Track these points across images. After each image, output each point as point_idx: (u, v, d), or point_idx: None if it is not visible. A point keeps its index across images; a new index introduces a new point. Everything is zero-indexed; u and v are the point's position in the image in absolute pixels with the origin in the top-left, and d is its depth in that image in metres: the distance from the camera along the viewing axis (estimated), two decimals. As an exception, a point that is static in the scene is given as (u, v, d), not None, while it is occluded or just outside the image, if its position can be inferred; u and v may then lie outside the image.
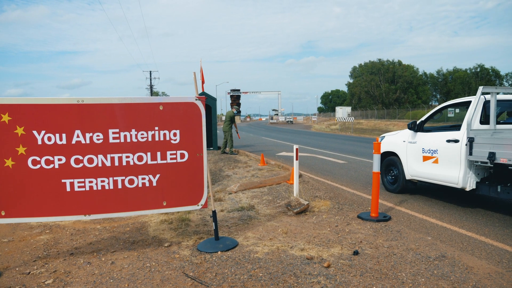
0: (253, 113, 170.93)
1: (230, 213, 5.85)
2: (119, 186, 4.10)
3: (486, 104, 5.84)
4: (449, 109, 22.54)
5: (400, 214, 5.74)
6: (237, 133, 15.34)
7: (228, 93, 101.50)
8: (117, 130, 4.03)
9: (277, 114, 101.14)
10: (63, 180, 3.96)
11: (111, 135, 4.02)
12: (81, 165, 3.97)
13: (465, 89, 61.90)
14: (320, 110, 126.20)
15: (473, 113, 5.61)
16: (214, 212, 4.52)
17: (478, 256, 4.03)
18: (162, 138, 4.18)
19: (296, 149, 6.44)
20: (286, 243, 4.46)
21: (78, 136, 3.93)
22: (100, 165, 4.02)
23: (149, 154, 4.15)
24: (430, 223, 5.28)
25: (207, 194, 4.46)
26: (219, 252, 4.24)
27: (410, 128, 6.80)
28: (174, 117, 4.21)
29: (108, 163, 4.03)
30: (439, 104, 64.60)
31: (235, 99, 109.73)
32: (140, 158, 4.12)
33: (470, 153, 5.47)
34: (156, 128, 4.15)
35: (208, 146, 16.53)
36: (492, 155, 5.07)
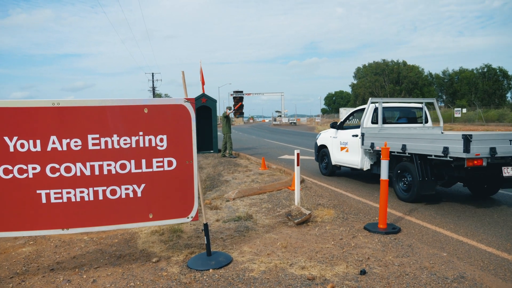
0: (256, 114, 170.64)
1: (226, 224, 5.44)
2: (100, 197, 3.71)
3: (376, 110, 8.14)
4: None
5: (411, 225, 5.30)
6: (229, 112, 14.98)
7: (231, 94, 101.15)
8: (97, 136, 3.63)
9: (280, 116, 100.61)
10: (38, 191, 3.57)
11: (90, 141, 3.62)
12: (57, 174, 3.58)
13: (471, 90, 61.21)
14: (323, 111, 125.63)
15: (365, 117, 8.07)
16: (206, 226, 4.11)
17: (503, 277, 3.58)
18: (147, 144, 3.78)
19: (297, 153, 6.02)
20: (285, 260, 4.04)
21: (54, 143, 3.54)
22: (78, 174, 3.62)
23: (133, 162, 3.75)
24: (444, 236, 4.84)
25: (198, 206, 4.05)
26: (210, 270, 3.83)
27: (332, 127, 9.46)
28: (161, 121, 3.81)
29: (87, 172, 3.64)
30: (445, 105, 63.96)
31: (238, 100, 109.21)
32: (123, 167, 3.72)
33: (362, 144, 7.86)
34: (141, 133, 3.75)
35: (209, 149, 16.15)
36: (372, 145, 7.50)
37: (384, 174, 5.04)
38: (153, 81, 65.05)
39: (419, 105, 8.81)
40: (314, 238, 4.79)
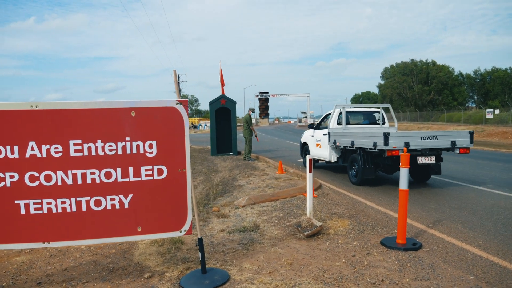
0: (282, 115, 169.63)
1: (230, 235, 5.06)
2: (83, 208, 3.40)
3: (341, 114, 10.10)
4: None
5: (434, 240, 4.76)
6: (255, 136, 14.48)
7: (257, 95, 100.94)
8: (80, 141, 3.33)
9: (306, 117, 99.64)
10: (16, 201, 3.30)
11: (72, 148, 3.32)
12: (37, 183, 3.30)
13: (505, 90, 58.42)
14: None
15: (331, 119, 9.96)
16: (200, 241, 3.75)
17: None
18: (134, 151, 3.44)
19: (310, 159, 5.57)
20: (288, 280, 3.61)
21: (32, 149, 3.26)
22: (60, 183, 3.33)
23: (119, 170, 3.42)
24: (472, 254, 4.27)
25: (191, 218, 3.69)
26: (203, 291, 3.46)
27: (310, 127, 11.49)
28: (150, 125, 3.47)
29: (69, 181, 3.34)
30: (476, 105, 61.31)
31: (263, 101, 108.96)
32: (108, 175, 3.40)
33: (329, 141, 9.71)
34: (128, 138, 3.42)
35: (228, 151, 15.86)
36: (334, 141, 9.38)
37: (404, 184, 4.53)
38: (178, 82, 65.55)
39: (378, 110, 10.86)
40: (323, 253, 4.33)
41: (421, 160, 7.68)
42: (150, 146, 3.48)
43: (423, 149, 7.58)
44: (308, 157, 5.58)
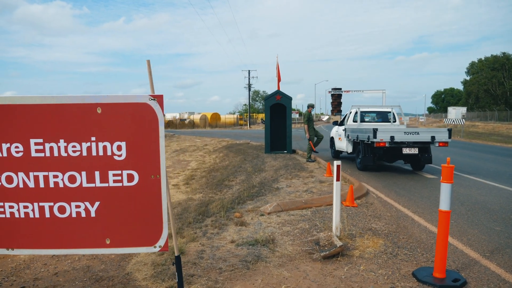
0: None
1: (238, 248, 4.48)
2: (47, 214, 3.06)
3: (357, 113, 12.40)
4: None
5: (485, 276, 3.73)
6: (308, 139, 12.81)
7: (329, 92, 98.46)
8: (41, 141, 2.98)
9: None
10: (-20, 203, 3.07)
11: (33, 147, 2.98)
12: (-1, 184, 3.02)
13: None
14: (430, 110, 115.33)
15: (348, 117, 12.82)
16: (177, 259, 3.22)
17: None
18: (101, 153, 3.02)
19: (337, 166, 4.77)
20: (275, 316, 2.95)
21: (-7, 147, 2.99)
22: (21, 185, 3.02)
23: (84, 174, 3.02)
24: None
25: (167, 232, 3.18)
26: (172, 320, 2.94)
27: (334, 124, 14.15)
28: (118, 124, 3.01)
29: (31, 184, 3.01)
30: None
31: (336, 98, 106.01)
32: (72, 179, 3.02)
33: (345, 136, 11.79)
34: (93, 138, 3.00)
35: (282, 149, 15.23)
36: (348, 136, 11.51)
37: (445, 202, 3.59)
38: (249, 78, 66.14)
39: (389, 110, 12.89)
40: (335, 283, 3.57)
41: (406, 151, 9.73)
42: (119, 148, 3.03)
43: (408, 142, 9.43)
44: (335, 164, 4.79)
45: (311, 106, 13.30)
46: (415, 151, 9.71)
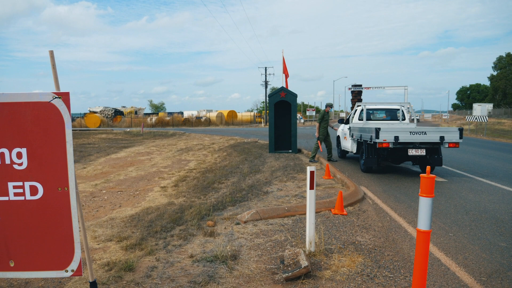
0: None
1: (194, 264, 3.97)
2: None
3: (362, 110, 11.66)
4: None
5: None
6: (317, 140, 12.32)
7: (349, 88, 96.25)
8: None
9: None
10: None
11: None
12: None
13: None
14: (455, 106, 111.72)
15: (353, 116, 12.02)
16: (92, 286, 2.74)
17: None
18: (-3, 161, 2.56)
19: (311, 172, 4.18)
20: None
21: None
22: None
23: (-22, 185, 2.58)
24: None
25: (80, 254, 2.70)
26: None
27: (339, 122, 13.06)
28: (17, 127, 2.54)
29: None
30: None
31: (356, 94, 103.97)
32: (-35, 192, 2.58)
33: (350, 135, 11.18)
34: (-13, 144, 2.55)
35: (286, 148, 14.65)
36: (353, 135, 10.88)
37: (424, 222, 2.97)
38: (265, 75, 65.43)
39: (398, 107, 11.99)
40: (290, 314, 3.01)
41: (412, 152, 8.87)
42: (19, 156, 2.56)
43: (414, 143, 8.70)
44: (309, 169, 4.20)
45: (329, 106, 12.74)
46: (422, 152, 8.90)
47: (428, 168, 3.05)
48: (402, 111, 11.96)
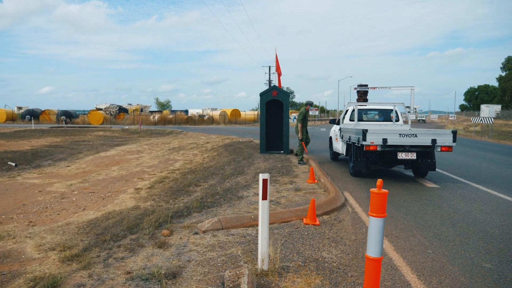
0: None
1: (127, 283, 3.48)
2: None
3: (354, 111, 11.20)
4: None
5: None
6: (301, 141, 11.53)
7: (355, 88, 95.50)
8: None
9: (409, 112, 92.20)
10: None
11: None
12: None
13: None
14: (462, 108, 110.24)
15: (344, 116, 11.73)
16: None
17: None
18: None
19: (264, 180, 3.68)
20: None
21: None
22: None
23: None
24: None
25: None
26: None
27: (331, 123, 12.76)
28: None
29: None
30: None
31: (362, 94, 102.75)
32: None
33: (340, 136, 10.66)
34: None
35: (278, 149, 14.14)
36: (343, 136, 10.18)
37: (374, 248, 2.46)
38: (269, 74, 65.03)
39: (391, 107, 11.33)
40: None
41: (401, 156, 8.29)
42: None
43: (404, 146, 8.16)
44: (261, 177, 3.70)
45: (309, 104, 12.04)
46: (412, 156, 8.33)
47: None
48: (396, 111, 11.34)
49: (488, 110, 62.46)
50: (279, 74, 14.88)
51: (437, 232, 5.14)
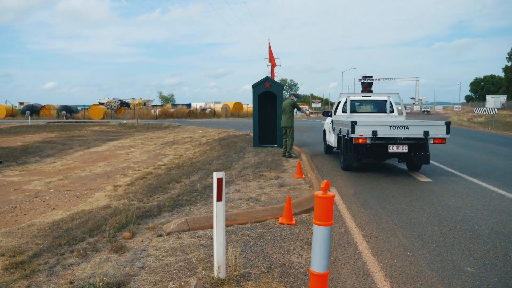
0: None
1: (65, 296, 3.16)
2: None
3: (346, 102, 10.66)
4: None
5: None
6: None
7: (359, 80, 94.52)
8: None
9: (414, 103, 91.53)
10: None
11: None
12: None
13: None
14: (468, 98, 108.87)
15: (336, 107, 11.12)
16: None
17: None
18: None
19: (218, 180, 3.32)
20: None
21: None
22: None
23: None
24: None
25: None
26: None
27: (325, 115, 12.42)
28: None
29: None
30: None
31: (366, 86, 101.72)
32: None
33: (332, 128, 10.39)
34: None
35: (272, 142, 13.79)
36: (334, 129, 9.91)
37: (318, 263, 2.10)
38: (273, 69, 64.48)
39: (385, 98, 10.81)
40: None
41: (392, 148, 7.91)
42: None
43: (395, 138, 7.80)
44: (215, 176, 3.34)
45: (293, 95, 11.86)
46: (404, 149, 7.96)
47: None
48: (391, 102, 10.87)
49: (494, 101, 61.45)
50: (273, 65, 14.46)
51: (421, 231, 4.77)
